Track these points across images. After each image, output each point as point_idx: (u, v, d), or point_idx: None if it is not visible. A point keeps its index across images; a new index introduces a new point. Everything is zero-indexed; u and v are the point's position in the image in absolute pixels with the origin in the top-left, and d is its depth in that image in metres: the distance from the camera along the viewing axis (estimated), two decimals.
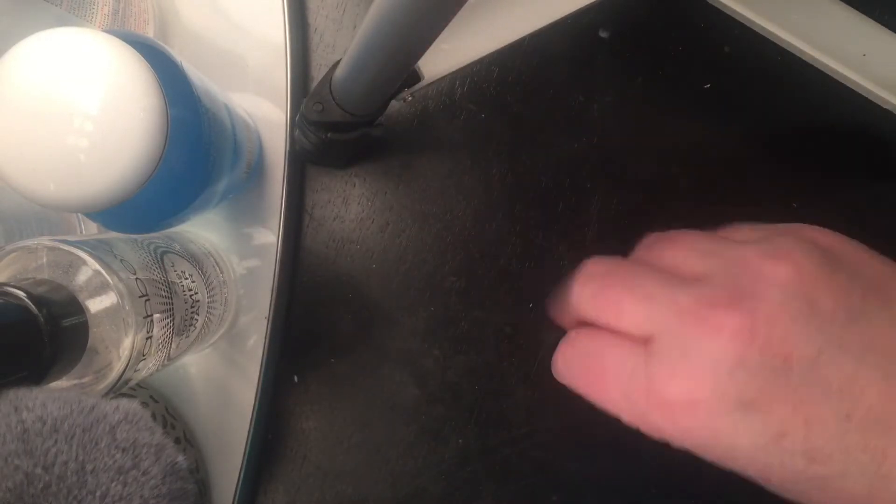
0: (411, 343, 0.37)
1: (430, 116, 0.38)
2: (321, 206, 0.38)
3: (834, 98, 0.35)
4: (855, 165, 0.37)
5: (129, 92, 0.21)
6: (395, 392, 0.38)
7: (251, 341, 0.36)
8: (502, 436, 0.37)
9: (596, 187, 0.37)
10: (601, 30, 0.37)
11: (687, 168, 0.37)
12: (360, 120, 0.31)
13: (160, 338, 0.26)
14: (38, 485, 0.15)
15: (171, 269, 0.29)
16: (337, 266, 0.38)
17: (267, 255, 0.36)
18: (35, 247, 0.24)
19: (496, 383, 0.37)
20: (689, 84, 0.37)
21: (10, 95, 0.21)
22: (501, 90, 0.37)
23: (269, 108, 0.36)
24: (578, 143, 0.37)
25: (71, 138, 0.21)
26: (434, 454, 0.37)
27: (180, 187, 0.27)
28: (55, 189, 0.21)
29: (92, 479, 0.16)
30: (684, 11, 0.37)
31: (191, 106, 0.26)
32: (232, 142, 0.30)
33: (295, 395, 0.38)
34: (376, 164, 0.38)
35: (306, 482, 0.38)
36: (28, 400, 0.16)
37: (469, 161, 0.37)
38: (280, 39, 0.35)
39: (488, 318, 0.37)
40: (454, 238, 0.37)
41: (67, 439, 0.16)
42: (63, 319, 0.21)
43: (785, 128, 0.37)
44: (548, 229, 0.37)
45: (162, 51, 0.26)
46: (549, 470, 0.37)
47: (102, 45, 0.21)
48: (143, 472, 0.17)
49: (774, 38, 0.34)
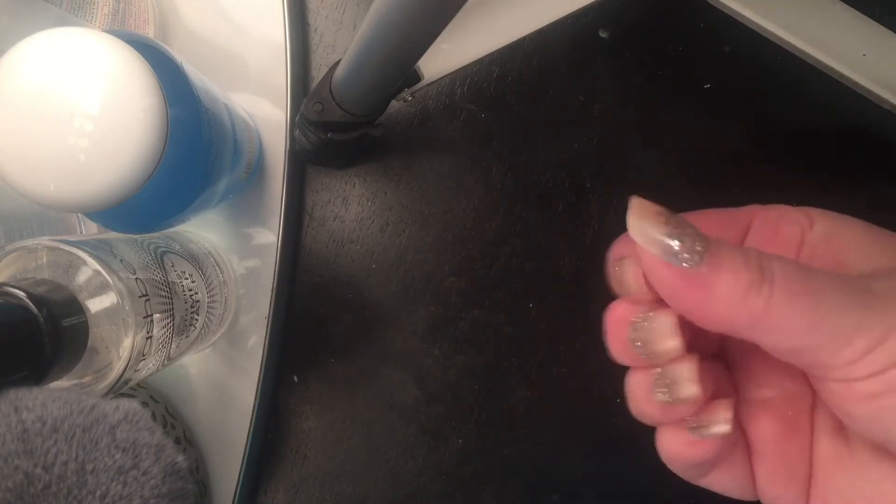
0: (411, 343, 0.37)
1: (430, 116, 0.38)
2: (321, 206, 0.38)
3: (834, 98, 0.35)
4: (855, 165, 0.37)
5: (129, 92, 0.21)
6: (395, 392, 0.38)
7: (251, 341, 0.36)
8: (502, 436, 0.37)
9: (596, 187, 0.37)
10: (601, 30, 0.37)
11: (687, 168, 0.37)
12: (360, 120, 0.31)
13: (160, 338, 0.26)
14: (38, 485, 0.15)
15: (171, 269, 0.29)
16: (337, 266, 0.38)
17: (267, 255, 0.36)
18: (35, 247, 0.24)
19: (496, 383, 0.37)
20: (689, 84, 0.37)
21: (10, 95, 0.21)
22: (501, 90, 0.37)
23: (269, 108, 0.36)
24: (578, 143, 0.37)
25: (71, 138, 0.21)
26: (434, 454, 0.37)
27: (180, 187, 0.27)
28: (55, 189, 0.21)
29: (92, 479, 0.16)
30: (684, 11, 0.37)
31: (191, 106, 0.26)
32: (232, 142, 0.30)
33: (295, 395, 0.38)
34: (376, 164, 0.38)
35: (306, 482, 0.38)
36: (28, 400, 0.16)
37: (469, 161, 0.37)
38: (280, 39, 0.35)
39: (488, 318, 0.37)
40: (454, 238, 0.37)
41: (67, 439, 0.16)
42: (63, 319, 0.21)
43: (785, 128, 0.37)
44: (548, 229, 0.37)
45: (162, 51, 0.26)
46: (549, 470, 0.37)
47: (102, 45, 0.21)
48: (143, 472, 0.17)
49: (774, 38, 0.34)
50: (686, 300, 0.16)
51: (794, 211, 0.20)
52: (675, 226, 0.16)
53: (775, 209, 0.20)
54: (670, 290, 0.16)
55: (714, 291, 0.15)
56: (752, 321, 0.16)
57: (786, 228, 0.19)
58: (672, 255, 0.16)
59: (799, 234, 0.19)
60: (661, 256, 0.16)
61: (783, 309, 0.15)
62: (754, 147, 0.37)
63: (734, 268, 0.15)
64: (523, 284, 0.37)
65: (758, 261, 0.16)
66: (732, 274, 0.15)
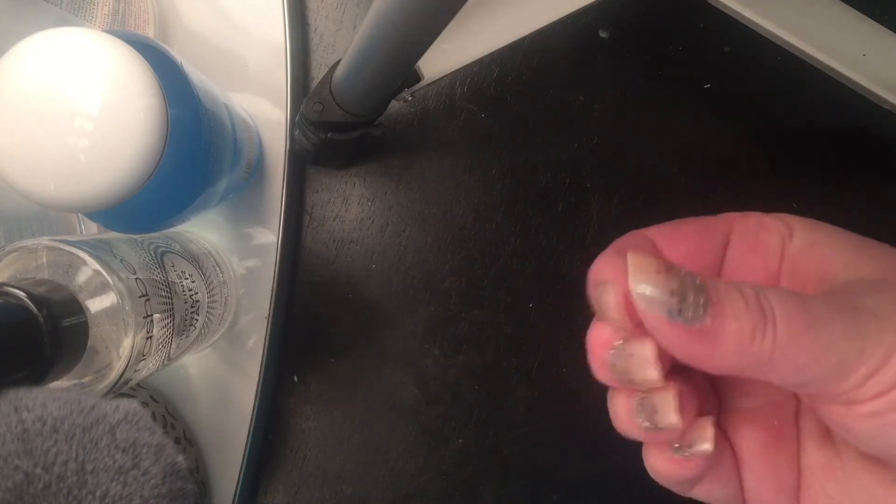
0: (411, 343, 0.37)
1: (430, 116, 0.38)
2: (321, 206, 0.38)
3: (834, 98, 0.35)
4: (855, 165, 0.37)
5: (129, 92, 0.21)
6: (395, 392, 0.38)
7: (251, 341, 0.36)
8: (502, 436, 0.37)
9: (596, 187, 0.37)
10: (601, 30, 0.37)
11: (687, 168, 0.37)
12: (360, 120, 0.31)
13: (160, 338, 0.26)
14: (38, 485, 0.15)
15: (171, 269, 0.29)
16: (337, 266, 0.38)
17: (267, 255, 0.36)
18: (35, 247, 0.24)
19: (496, 383, 0.37)
20: (689, 84, 0.37)
21: (11, 95, 0.21)
22: (501, 90, 0.37)
23: (269, 108, 0.36)
24: (578, 143, 0.37)
25: (71, 138, 0.21)
26: (434, 454, 0.37)
27: (180, 187, 0.27)
28: (55, 189, 0.21)
29: (92, 479, 0.16)
30: (684, 11, 0.37)
31: (191, 106, 0.26)
32: (232, 142, 0.30)
33: (295, 395, 0.38)
34: (376, 164, 0.38)
35: (306, 482, 0.38)
36: (28, 400, 0.16)
37: (469, 161, 0.37)
38: (280, 39, 0.35)
39: (488, 318, 0.37)
40: (454, 238, 0.37)
41: (67, 439, 0.16)
42: (63, 319, 0.21)
43: (785, 128, 0.37)
44: (548, 229, 0.37)
45: (162, 51, 0.26)
46: (549, 470, 0.37)
47: (102, 45, 0.21)
48: (143, 472, 0.17)
49: (774, 38, 0.34)
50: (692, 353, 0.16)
51: (772, 219, 0.20)
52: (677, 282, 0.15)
53: (752, 217, 0.20)
54: (675, 345, 0.16)
55: (719, 342, 0.15)
56: (760, 365, 0.15)
57: (765, 237, 0.19)
58: (676, 314, 0.15)
59: (779, 243, 0.19)
60: (665, 317, 0.15)
61: (787, 350, 0.15)
62: (754, 147, 0.37)
63: (736, 314, 0.15)
64: (523, 284, 0.37)
65: (756, 301, 0.15)
66: (735, 321, 0.15)
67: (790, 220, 0.20)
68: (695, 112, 0.37)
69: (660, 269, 0.16)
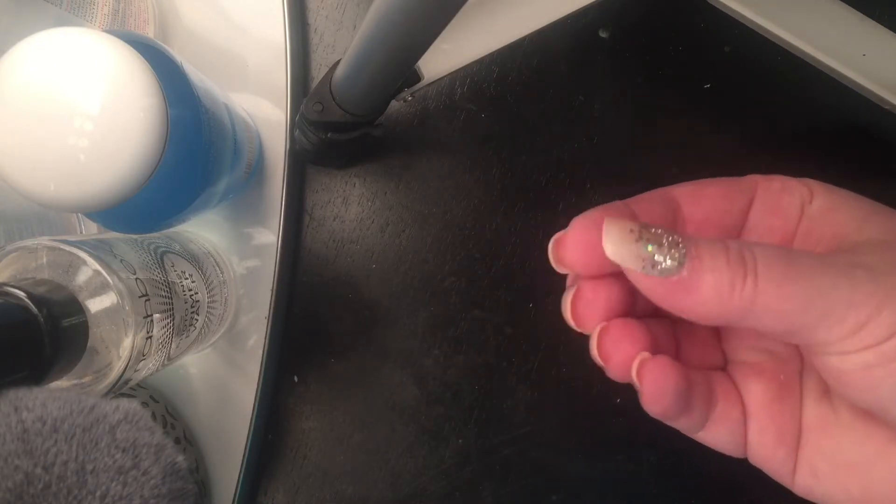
0: (411, 343, 0.37)
1: (430, 116, 0.38)
2: (321, 206, 0.38)
3: (834, 98, 0.35)
4: (855, 165, 0.37)
5: (129, 92, 0.21)
6: (395, 392, 0.38)
7: (251, 341, 0.36)
8: (502, 436, 0.37)
9: (596, 187, 0.37)
10: (601, 30, 0.37)
11: (687, 168, 0.37)
12: (360, 120, 0.31)
13: (160, 338, 0.26)
14: (38, 485, 0.15)
15: (171, 270, 0.29)
16: (337, 266, 0.38)
17: (267, 255, 0.36)
18: (35, 247, 0.24)
19: (496, 383, 0.37)
20: (689, 84, 0.37)
21: (10, 95, 0.21)
22: (501, 90, 0.37)
23: (269, 108, 0.36)
24: (578, 142, 0.37)
25: (71, 138, 0.21)
26: (434, 454, 0.37)
27: (180, 187, 0.27)
28: (55, 189, 0.21)
29: (92, 479, 0.16)
30: (684, 11, 0.37)
31: (191, 106, 0.26)
32: (232, 142, 0.30)
33: (295, 395, 0.38)
34: (376, 164, 0.38)
35: (306, 482, 0.38)
36: (28, 400, 0.16)
37: (469, 161, 0.37)
38: (280, 39, 0.35)
39: (488, 318, 0.37)
40: (454, 238, 0.37)
41: (67, 439, 0.16)
42: (63, 319, 0.21)
43: (785, 128, 0.37)
44: (548, 229, 0.37)
45: (162, 51, 0.26)
46: (549, 470, 0.37)
47: (102, 45, 0.21)
48: (143, 472, 0.17)
49: (774, 38, 0.34)
50: (676, 304, 0.17)
51: (796, 182, 0.20)
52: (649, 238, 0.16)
53: (777, 180, 0.21)
54: (659, 297, 0.17)
55: (699, 293, 0.16)
56: (743, 313, 0.16)
57: (787, 199, 0.20)
58: (651, 267, 0.16)
59: (799, 205, 0.20)
60: (642, 272, 0.16)
61: (771, 296, 0.16)
62: (754, 147, 0.37)
63: (714, 266, 0.16)
64: (523, 284, 0.37)
65: (739, 254, 0.16)
66: (713, 273, 0.16)
67: (812, 185, 0.20)
68: (695, 112, 0.37)
69: (631, 228, 0.17)
